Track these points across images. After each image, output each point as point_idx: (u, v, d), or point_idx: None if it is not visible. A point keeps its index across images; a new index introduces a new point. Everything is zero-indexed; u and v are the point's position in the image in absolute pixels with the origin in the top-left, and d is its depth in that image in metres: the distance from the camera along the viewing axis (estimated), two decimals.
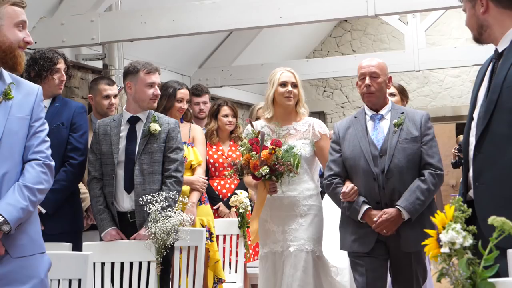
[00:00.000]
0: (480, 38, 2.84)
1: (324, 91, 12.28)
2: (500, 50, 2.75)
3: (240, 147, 4.27)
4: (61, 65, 4.40)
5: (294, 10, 5.48)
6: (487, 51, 2.90)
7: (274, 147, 4.10)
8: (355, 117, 4.16)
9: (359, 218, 3.92)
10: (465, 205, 2.01)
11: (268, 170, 4.04)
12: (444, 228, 1.98)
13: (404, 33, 9.47)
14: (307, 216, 4.29)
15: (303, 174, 4.33)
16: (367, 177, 3.93)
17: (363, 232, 3.94)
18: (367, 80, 4.03)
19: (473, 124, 2.78)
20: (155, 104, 4.29)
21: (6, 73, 2.90)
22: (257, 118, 5.23)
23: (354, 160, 3.99)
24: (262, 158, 4.05)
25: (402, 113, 4.05)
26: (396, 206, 3.84)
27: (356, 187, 3.94)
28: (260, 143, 4.13)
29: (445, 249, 1.95)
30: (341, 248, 4.10)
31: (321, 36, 12.18)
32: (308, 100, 11.82)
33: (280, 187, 4.22)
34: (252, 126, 4.37)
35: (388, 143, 3.93)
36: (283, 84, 4.39)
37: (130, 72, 4.27)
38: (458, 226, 1.95)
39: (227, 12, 5.64)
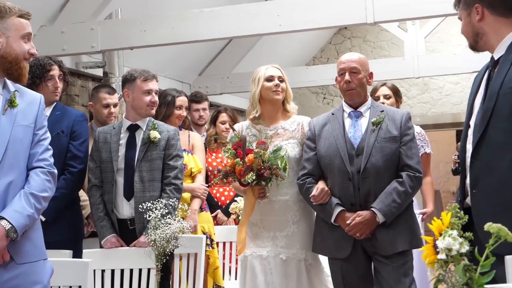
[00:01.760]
0: (476, 45, 2.85)
1: (324, 98, 12.29)
2: (496, 58, 2.76)
3: (224, 153, 4.00)
4: (55, 72, 4.39)
5: (293, 18, 5.48)
6: (487, 58, 2.89)
7: (259, 150, 3.86)
8: (332, 114, 3.96)
9: (332, 220, 3.73)
10: (462, 212, 2.02)
11: (255, 176, 3.79)
12: (441, 234, 1.99)
13: (403, 40, 9.49)
14: (299, 221, 3.99)
15: (294, 176, 3.99)
16: (342, 177, 3.73)
17: (339, 235, 3.74)
18: (347, 76, 3.82)
19: (470, 132, 2.79)
20: (153, 111, 4.31)
21: (9, 83, 2.95)
22: None
23: (330, 159, 3.79)
24: (247, 164, 3.81)
25: (382, 111, 3.85)
26: (371, 208, 3.64)
27: (327, 189, 3.76)
28: (242, 147, 3.89)
29: (442, 256, 1.96)
30: (314, 250, 3.93)
31: (321, 43, 12.20)
32: (308, 107, 11.90)
33: (269, 191, 3.94)
34: (233, 130, 4.14)
35: (366, 142, 3.73)
36: (270, 79, 4.09)
37: (127, 80, 4.30)
38: (455, 232, 1.96)
39: (226, 20, 5.65)
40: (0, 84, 2.92)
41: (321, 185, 3.80)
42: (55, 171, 3.01)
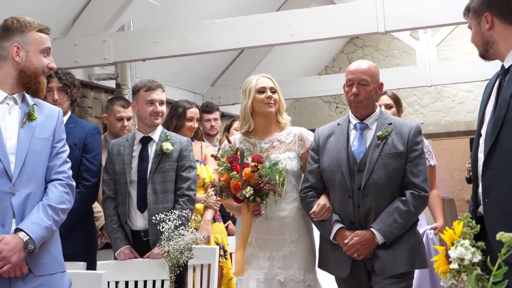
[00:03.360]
0: (486, 54, 2.83)
1: (337, 107, 12.29)
2: (506, 66, 2.74)
3: (218, 167, 3.76)
4: (53, 85, 4.34)
5: (304, 28, 5.50)
6: (500, 65, 2.88)
7: (256, 163, 3.59)
8: (338, 124, 3.74)
9: (331, 238, 3.55)
10: (474, 221, 2.02)
11: (252, 191, 3.52)
12: (453, 244, 1.99)
13: (415, 48, 9.49)
14: (298, 240, 3.75)
15: (292, 190, 3.78)
16: (342, 193, 3.54)
17: (339, 253, 3.55)
18: (354, 89, 3.60)
19: (481, 140, 2.77)
20: (158, 121, 4.31)
21: (28, 96, 2.99)
22: None
23: (331, 173, 3.59)
24: (244, 178, 3.54)
25: (390, 123, 3.60)
26: (370, 228, 3.45)
27: (328, 205, 3.59)
28: (240, 161, 3.62)
29: (454, 265, 1.95)
30: (320, 266, 3.74)
31: (333, 53, 12.22)
32: (321, 117, 11.90)
33: (264, 208, 3.66)
34: (229, 142, 3.91)
35: (368, 157, 3.51)
36: (261, 91, 3.86)
37: (133, 92, 4.38)
38: (467, 242, 1.96)
39: (238, 30, 5.67)
40: (19, 98, 2.95)
41: (322, 201, 3.63)
42: (73, 183, 3.05)
